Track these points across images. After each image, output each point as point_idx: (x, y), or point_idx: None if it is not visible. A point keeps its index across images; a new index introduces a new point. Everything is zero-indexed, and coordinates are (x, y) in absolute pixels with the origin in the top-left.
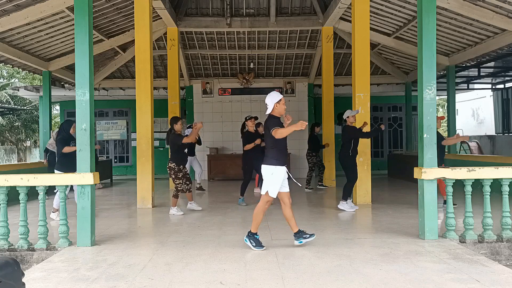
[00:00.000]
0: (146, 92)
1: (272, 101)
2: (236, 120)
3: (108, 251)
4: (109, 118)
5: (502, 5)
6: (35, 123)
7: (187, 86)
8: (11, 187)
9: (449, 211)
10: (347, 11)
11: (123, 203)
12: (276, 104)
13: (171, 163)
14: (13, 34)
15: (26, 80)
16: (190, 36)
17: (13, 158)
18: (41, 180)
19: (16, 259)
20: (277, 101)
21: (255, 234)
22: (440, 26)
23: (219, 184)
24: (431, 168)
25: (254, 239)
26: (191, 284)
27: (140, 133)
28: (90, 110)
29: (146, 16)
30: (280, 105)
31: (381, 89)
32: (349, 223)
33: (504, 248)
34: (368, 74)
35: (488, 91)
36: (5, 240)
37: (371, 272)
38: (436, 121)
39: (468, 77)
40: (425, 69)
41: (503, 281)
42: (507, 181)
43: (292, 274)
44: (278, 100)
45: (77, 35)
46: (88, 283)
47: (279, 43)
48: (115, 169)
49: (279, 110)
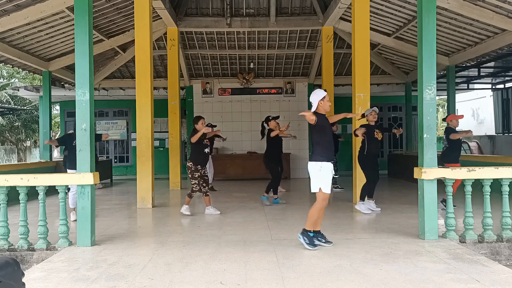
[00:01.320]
0: (146, 92)
1: (316, 99)
2: (236, 120)
3: (108, 251)
4: (109, 118)
5: (502, 5)
6: (35, 123)
7: (187, 86)
8: (11, 187)
9: (449, 211)
10: (347, 11)
11: (123, 203)
12: (321, 101)
13: (189, 162)
14: (13, 34)
15: (26, 80)
16: (190, 36)
17: (13, 158)
18: (41, 180)
19: (16, 259)
20: (321, 99)
21: (309, 231)
22: (440, 26)
23: (219, 184)
24: (431, 168)
25: (308, 236)
26: (191, 284)
27: (140, 133)
28: (90, 110)
29: (146, 16)
30: (324, 102)
31: (381, 89)
32: (349, 223)
33: (504, 248)
34: (368, 74)
35: (488, 91)
36: (5, 240)
37: (371, 272)
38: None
39: (468, 77)
40: (425, 69)
41: (503, 281)
42: (507, 181)
43: (292, 274)
44: (322, 97)
45: (77, 35)
46: (88, 283)
47: (279, 43)
48: (115, 169)
49: (324, 107)
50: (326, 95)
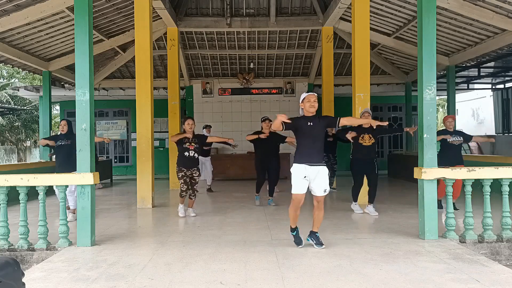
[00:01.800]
0: (146, 92)
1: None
2: (236, 120)
3: (108, 251)
4: (109, 118)
5: (502, 5)
6: (35, 123)
7: (187, 86)
8: (11, 187)
9: (449, 211)
10: (347, 11)
11: (123, 203)
12: (301, 104)
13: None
14: (13, 34)
15: (26, 80)
16: (190, 36)
17: (13, 158)
18: (41, 180)
19: (16, 259)
20: (301, 101)
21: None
22: (440, 26)
23: (219, 184)
24: (431, 168)
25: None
26: (191, 284)
27: (140, 133)
28: (90, 110)
29: (146, 16)
30: (304, 104)
31: (381, 89)
32: (349, 223)
33: (504, 248)
34: (368, 74)
35: (488, 91)
36: (5, 240)
37: (371, 272)
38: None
39: (468, 77)
40: (425, 69)
41: (503, 281)
42: (507, 181)
43: (292, 274)
44: (302, 99)
45: (77, 35)
46: (88, 283)
47: (279, 43)
48: (115, 169)
49: (305, 109)
50: (307, 96)
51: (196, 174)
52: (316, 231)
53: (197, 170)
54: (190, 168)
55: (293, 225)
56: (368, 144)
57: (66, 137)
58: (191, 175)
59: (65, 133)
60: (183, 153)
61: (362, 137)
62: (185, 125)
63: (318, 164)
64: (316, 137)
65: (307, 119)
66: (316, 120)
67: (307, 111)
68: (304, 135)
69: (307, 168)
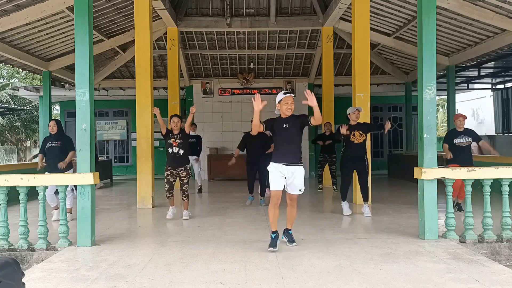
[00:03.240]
0: (146, 92)
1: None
2: (236, 120)
3: (108, 251)
4: (109, 118)
5: (502, 5)
6: (35, 123)
7: (187, 86)
8: (11, 187)
9: (449, 211)
10: (347, 11)
11: (123, 203)
12: (278, 105)
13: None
14: (13, 34)
15: (26, 80)
16: (190, 36)
17: (13, 158)
18: (41, 180)
19: (16, 259)
20: (278, 103)
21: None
22: (440, 26)
23: (219, 184)
24: (431, 168)
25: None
26: (191, 284)
27: (140, 133)
28: (90, 110)
29: (146, 16)
30: (281, 106)
31: (381, 89)
32: (349, 223)
33: (504, 248)
34: (368, 74)
35: (488, 91)
36: (5, 240)
37: (371, 272)
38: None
39: (468, 77)
40: (425, 69)
41: (503, 281)
42: (507, 181)
43: (292, 274)
44: (278, 101)
45: (77, 35)
46: (88, 283)
47: (279, 43)
48: (115, 169)
49: (281, 111)
50: (284, 98)
51: (183, 174)
52: (289, 229)
53: (185, 170)
54: (176, 167)
55: (273, 228)
56: (359, 141)
57: (56, 139)
58: (178, 175)
59: (54, 133)
60: (168, 150)
61: (353, 134)
62: (170, 123)
63: (293, 164)
64: (291, 138)
65: (282, 121)
66: (291, 122)
67: (283, 113)
68: (280, 136)
69: (283, 167)
